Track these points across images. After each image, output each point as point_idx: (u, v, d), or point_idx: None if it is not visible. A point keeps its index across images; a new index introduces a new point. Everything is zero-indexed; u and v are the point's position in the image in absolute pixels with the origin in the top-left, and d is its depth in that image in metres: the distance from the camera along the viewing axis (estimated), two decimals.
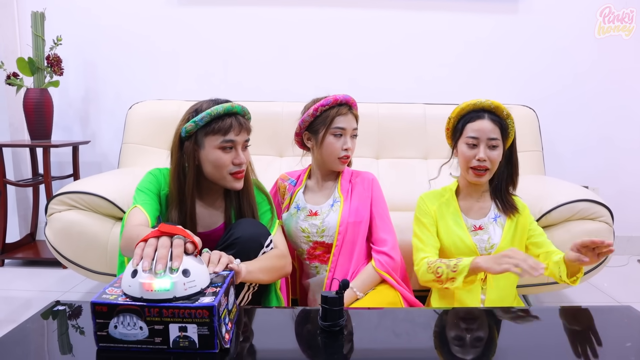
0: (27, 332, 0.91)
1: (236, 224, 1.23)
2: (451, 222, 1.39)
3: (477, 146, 1.32)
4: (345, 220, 1.42)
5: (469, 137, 1.33)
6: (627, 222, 2.57)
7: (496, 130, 1.31)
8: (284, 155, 2.29)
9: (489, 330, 0.98)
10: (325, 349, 0.89)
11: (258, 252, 1.19)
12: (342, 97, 1.43)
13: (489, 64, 2.54)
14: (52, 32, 2.37)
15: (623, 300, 2.00)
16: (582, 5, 2.49)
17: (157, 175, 1.29)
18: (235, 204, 1.31)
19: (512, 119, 1.34)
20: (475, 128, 1.32)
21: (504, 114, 1.33)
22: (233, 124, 1.21)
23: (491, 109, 1.33)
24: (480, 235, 1.37)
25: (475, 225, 1.38)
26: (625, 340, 0.93)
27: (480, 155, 1.31)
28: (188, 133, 1.22)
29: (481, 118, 1.33)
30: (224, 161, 1.21)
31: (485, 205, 1.40)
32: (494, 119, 1.32)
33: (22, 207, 2.65)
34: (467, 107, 1.35)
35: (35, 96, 2.33)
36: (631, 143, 2.59)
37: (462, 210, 1.41)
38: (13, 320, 1.76)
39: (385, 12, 2.51)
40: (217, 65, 2.55)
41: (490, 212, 1.39)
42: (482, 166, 1.32)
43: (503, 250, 1.32)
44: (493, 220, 1.38)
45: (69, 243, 1.69)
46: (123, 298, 0.81)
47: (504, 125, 1.33)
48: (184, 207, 1.24)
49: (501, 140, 1.32)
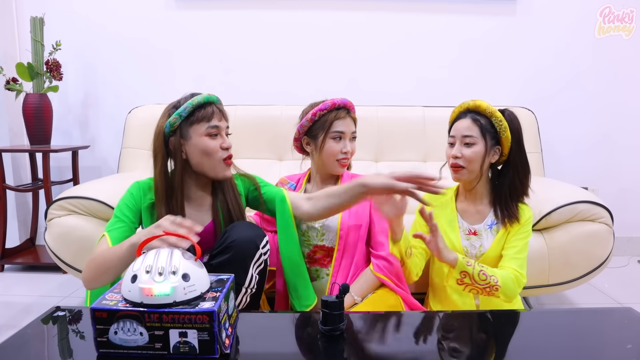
0: (28, 338, 0.91)
1: (230, 227, 1.24)
2: (445, 224, 1.39)
3: (455, 144, 1.35)
4: (346, 223, 1.42)
5: (449, 137, 1.37)
6: (627, 223, 2.57)
7: (473, 128, 1.32)
8: (283, 158, 2.29)
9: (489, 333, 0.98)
10: (326, 354, 0.89)
11: (254, 254, 1.20)
12: (339, 100, 1.44)
13: (488, 65, 2.55)
14: (51, 37, 2.37)
15: (624, 302, 2.00)
16: (581, 6, 2.49)
17: (135, 192, 1.29)
18: (222, 199, 1.32)
19: (499, 117, 1.32)
20: (454, 127, 1.36)
21: (486, 112, 1.33)
22: (215, 111, 1.25)
23: (473, 109, 1.34)
24: (472, 241, 1.37)
25: (470, 230, 1.38)
26: (626, 342, 0.93)
27: (453, 152, 1.33)
28: (172, 127, 1.24)
29: (463, 118, 1.35)
30: (213, 147, 1.24)
31: (484, 210, 1.39)
32: (474, 118, 1.33)
33: (21, 212, 2.65)
34: (457, 111, 1.38)
35: (34, 101, 2.33)
36: (631, 143, 2.59)
37: (459, 212, 1.41)
38: (13, 325, 1.76)
39: (383, 14, 2.51)
40: (216, 69, 2.56)
41: (487, 219, 1.38)
42: (456, 163, 1.33)
43: (489, 257, 1.34)
44: (488, 227, 1.37)
45: (68, 248, 1.69)
46: (123, 304, 0.81)
47: (486, 124, 1.32)
48: (172, 206, 1.26)
49: (481, 138, 1.31)
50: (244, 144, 2.24)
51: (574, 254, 1.66)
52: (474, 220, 1.39)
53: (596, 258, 1.68)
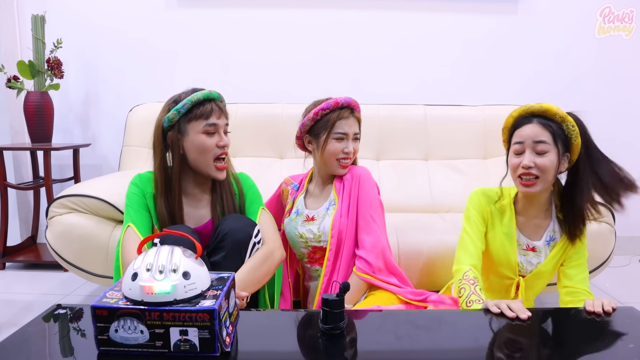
0: (29, 336, 0.91)
1: (222, 221, 1.26)
2: (502, 235, 1.28)
3: (524, 153, 1.20)
4: (338, 223, 1.39)
5: (514, 144, 1.22)
6: (628, 222, 2.54)
7: (545, 134, 1.18)
8: (284, 157, 2.29)
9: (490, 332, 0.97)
10: (326, 352, 0.89)
11: (248, 243, 1.22)
12: (343, 100, 1.41)
13: (490, 64, 2.54)
14: (52, 35, 2.37)
15: (625, 301, 2.00)
16: (582, 6, 2.49)
17: (138, 182, 1.32)
18: (220, 198, 1.33)
19: (571, 122, 1.20)
20: (521, 134, 1.21)
21: (556, 117, 1.20)
22: (214, 108, 1.25)
23: (540, 113, 1.21)
24: (529, 257, 1.28)
25: (529, 245, 1.28)
26: (628, 341, 0.92)
27: (525, 162, 1.18)
28: (171, 122, 1.25)
29: (529, 123, 1.21)
30: (209, 145, 1.25)
31: (544, 223, 1.28)
32: (544, 123, 1.20)
33: (23, 211, 2.65)
34: (517, 115, 1.25)
35: (35, 99, 2.33)
36: (632, 142, 2.59)
37: (518, 226, 1.29)
38: (14, 323, 1.76)
39: (385, 13, 2.51)
40: (217, 67, 2.55)
41: (547, 234, 1.28)
42: (529, 173, 1.19)
43: (542, 273, 1.27)
44: (547, 243, 1.27)
45: (69, 246, 1.69)
46: (124, 302, 0.80)
47: (558, 129, 1.20)
48: (171, 200, 1.27)
49: (554, 145, 1.19)
50: (245, 142, 2.24)
51: None
52: (533, 235, 1.29)
53: (598, 257, 1.68)
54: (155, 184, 1.28)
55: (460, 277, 1.22)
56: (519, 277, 1.30)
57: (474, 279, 1.19)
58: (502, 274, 1.31)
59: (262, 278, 1.24)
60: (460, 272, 1.23)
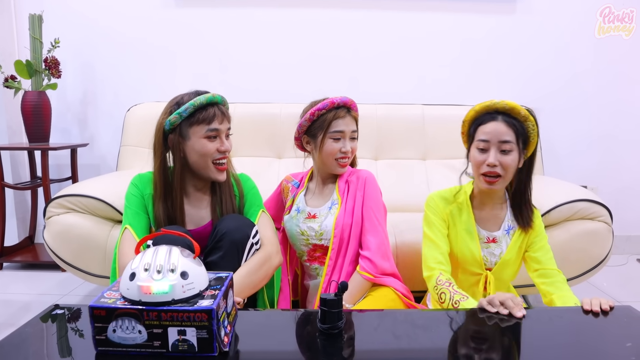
0: (26, 336, 0.91)
1: (220, 221, 1.26)
2: (463, 232, 1.30)
3: (488, 150, 1.21)
4: (341, 223, 1.40)
5: (479, 141, 1.23)
6: (626, 221, 2.57)
7: (510, 133, 1.20)
8: (282, 156, 2.29)
9: (488, 331, 0.98)
10: (325, 352, 0.89)
11: (245, 243, 1.22)
12: (339, 99, 1.41)
13: (488, 64, 2.54)
14: (49, 34, 2.36)
15: (622, 300, 2.00)
16: (581, 5, 2.49)
17: (138, 183, 1.32)
18: (219, 199, 1.33)
19: (532, 121, 1.21)
20: (486, 131, 1.21)
21: (520, 115, 1.21)
22: (216, 113, 1.24)
23: (506, 111, 1.22)
24: (492, 249, 1.30)
25: (489, 238, 1.30)
26: (626, 340, 0.93)
27: (490, 160, 1.19)
28: (172, 125, 1.24)
29: (494, 120, 1.22)
30: (209, 149, 1.24)
31: (500, 214, 1.31)
32: (509, 122, 1.20)
33: (20, 210, 2.65)
34: (481, 109, 1.25)
35: (33, 99, 2.32)
36: (631, 142, 2.60)
37: (476, 220, 1.31)
38: (12, 323, 1.76)
39: (384, 13, 2.51)
40: (215, 67, 2.55)
41: (504, 223, 1.31)
42: (493, 172, 1.20)
43: (507, 262, 1.30)
44: (506, 232, 1.30)
45: (67, 246, 1.69)
46: (121, 302, 0.80)
47: (521, 128, 1.21)
48: (171, 202, 1.27)
49: (516, 144, 1.20)
50: (243, 142, 2.24)
51: (573, 252, 1.66)
52: (492, 227, 1.31)
53: (595, 256, 1.68)
54: (155, 186, 1.28)
55: (434, 283, 1.24)
56: (486, 271, 1.31)
57: (447, 281, 1.22)
58: (469, 271, 1.33)
59: (258, 283, 1.24)
60: (433, 278, 1.25)
